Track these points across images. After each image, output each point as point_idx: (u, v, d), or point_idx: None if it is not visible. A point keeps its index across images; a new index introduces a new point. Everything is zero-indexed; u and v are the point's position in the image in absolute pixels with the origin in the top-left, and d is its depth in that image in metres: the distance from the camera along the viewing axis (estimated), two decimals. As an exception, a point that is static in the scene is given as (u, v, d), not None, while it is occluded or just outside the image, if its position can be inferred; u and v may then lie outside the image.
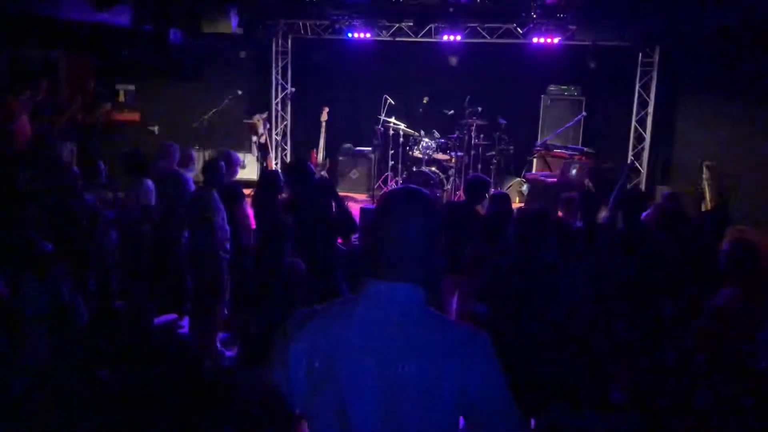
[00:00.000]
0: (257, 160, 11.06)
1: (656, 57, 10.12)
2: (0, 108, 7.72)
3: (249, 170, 10.35)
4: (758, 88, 9.02)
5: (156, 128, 11.27)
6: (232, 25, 8.94)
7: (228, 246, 5.35)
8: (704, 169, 9.58)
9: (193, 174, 6.75)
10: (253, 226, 5.58)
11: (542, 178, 9.15)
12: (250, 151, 10.98)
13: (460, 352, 1.67)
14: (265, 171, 8.81)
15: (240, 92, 10.21)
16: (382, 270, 1.71)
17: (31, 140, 7.99)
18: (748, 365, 3.89)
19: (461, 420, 1.72)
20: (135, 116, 11.25)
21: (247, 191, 6.27)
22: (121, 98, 11.25)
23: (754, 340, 3.91)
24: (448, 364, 1.65)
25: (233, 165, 6.14)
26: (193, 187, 6.05)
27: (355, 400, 1.65)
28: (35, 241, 3.81)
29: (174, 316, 5.28)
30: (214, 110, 9.85)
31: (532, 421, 4.15)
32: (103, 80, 11.01)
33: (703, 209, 9.30)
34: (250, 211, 5.78)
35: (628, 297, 4.45)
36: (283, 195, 5.31)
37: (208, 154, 10.08)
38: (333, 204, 4.88)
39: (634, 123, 10.45)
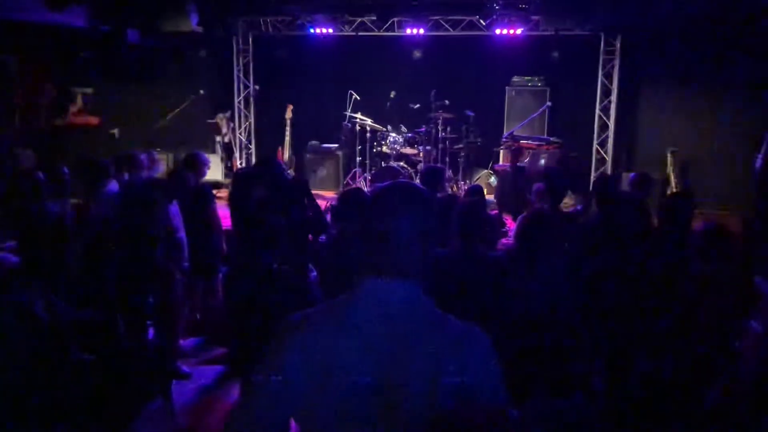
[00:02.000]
0: (221, 160, 10.89)
1: (618, 45, 10.21)
2: None
3: (213, 171, 10.13)
4: (719, 74, 9.20)
5: (116, 131, 10.98)
6: (192, 23, 8.74)
7: (185, 263, 5.18)
8: (668, 155, 9.73)
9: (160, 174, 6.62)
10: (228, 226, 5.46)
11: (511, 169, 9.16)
12: (214, 151, 10.79)
13: (459, 350, 1.62)
14: (239, 170, 8.62)
15: (202, 92, 10.01)
16: (378, 267, 1.65)
17: None
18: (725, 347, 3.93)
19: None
20: (94, 120, 10.93)
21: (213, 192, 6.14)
22: (79, 102, 10.92)
23: (730, 322, 3.95)
24: (446, 362, 1.59)
25: (201, 165, 5.98)
26: None
27: (354, 401, 1.59)
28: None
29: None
30: (176, 111, 9.63)
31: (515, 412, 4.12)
32: (60, 84, 10.69)
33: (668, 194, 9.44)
34: (221, 213, 5.65)
35: (607, 290, 4.44)
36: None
37: (171, 156, 9.89)
38: (306, 202, 4.79)
39: (598, 111, 10.53)
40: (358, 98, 10.24)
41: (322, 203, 5.73)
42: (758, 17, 8.33)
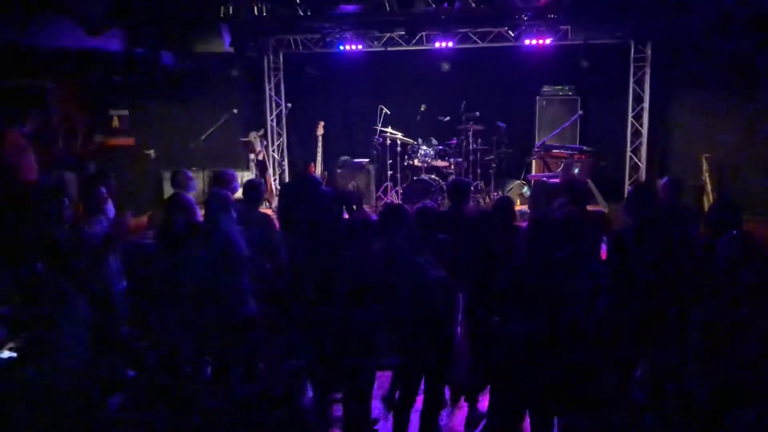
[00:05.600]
0: (255, 177, 11.02)
1: (648, 52, 10.12)
2: (1, 140, 7.62)
3: (249, 188, 10.27)
4: (755, 77, 9.05)
5: (152, 152, 11.21)
6: (225, 43, 8.91)
7: None
8: (703, 161, 9.60)
9: (193, 194, 6.74)
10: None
11: (545, 179, 9.11)
12: (248, 169, 10.95)
13: None
14: (288, 183, 8.69)
15: (236, 111, 10.15)
16: None
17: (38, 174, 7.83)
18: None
19: None
20: (130, 141, 11.18)
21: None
22: (115, 124, 11.18)
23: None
24: None
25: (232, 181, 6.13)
26: None
27: None
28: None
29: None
30: (210, 130, 9.78)
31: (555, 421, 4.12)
32: (96, 107, 10.95)
33: (705, 202, 9.30)
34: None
35: (644, 293, 4.39)
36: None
37: (206, 174, 10.03)
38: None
39: (630, 119, 10.44)
40: (389, 112, 10.30)
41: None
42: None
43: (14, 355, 3.13)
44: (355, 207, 5.38)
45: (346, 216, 5.38)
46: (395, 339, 4.30)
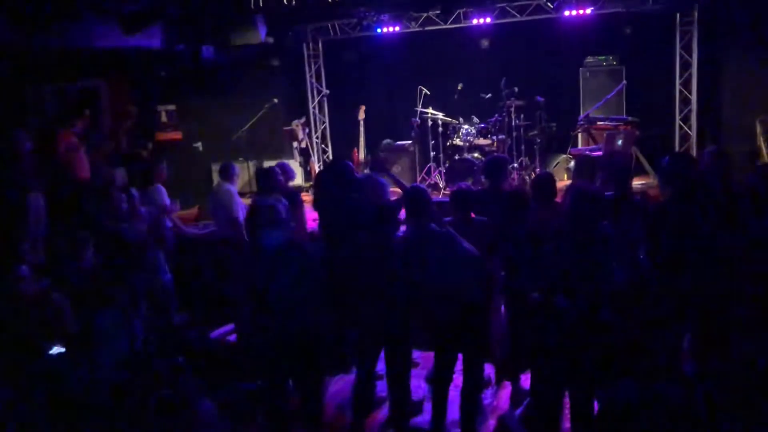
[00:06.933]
0: (300, 165, 11.16)
1: (695, 15, 9.78)
2: (55, 140, 7.94)
3: (293, 176, 10.43)
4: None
5: (200, 145, 11.48)
6: (260, 35, 9.02)
7: None
8: (758, 125, 9.25)
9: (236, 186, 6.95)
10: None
11: (587, 152, 8.96)
12: (292, 157, 11.08)
13: None
14: (320, 170, 8.87)
15: (276, 100, 10.29)
16: None
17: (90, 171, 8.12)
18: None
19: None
20: (178, 135, 11.46)
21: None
22: (164, 119, 11.46)
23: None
24: None
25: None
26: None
27: None
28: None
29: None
30: (251, 121, 9.95)
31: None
32: (144, 103, 11.25)
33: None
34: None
35: (688, 265, 4.30)
36: None
37: (251, 164, 10.22)
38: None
39: (678, 86, 10.12)
40: (428, 93, 10.23)
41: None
42: None
43: (62, 351, 3.30)
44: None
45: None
46: (428, 318, 4.32)
